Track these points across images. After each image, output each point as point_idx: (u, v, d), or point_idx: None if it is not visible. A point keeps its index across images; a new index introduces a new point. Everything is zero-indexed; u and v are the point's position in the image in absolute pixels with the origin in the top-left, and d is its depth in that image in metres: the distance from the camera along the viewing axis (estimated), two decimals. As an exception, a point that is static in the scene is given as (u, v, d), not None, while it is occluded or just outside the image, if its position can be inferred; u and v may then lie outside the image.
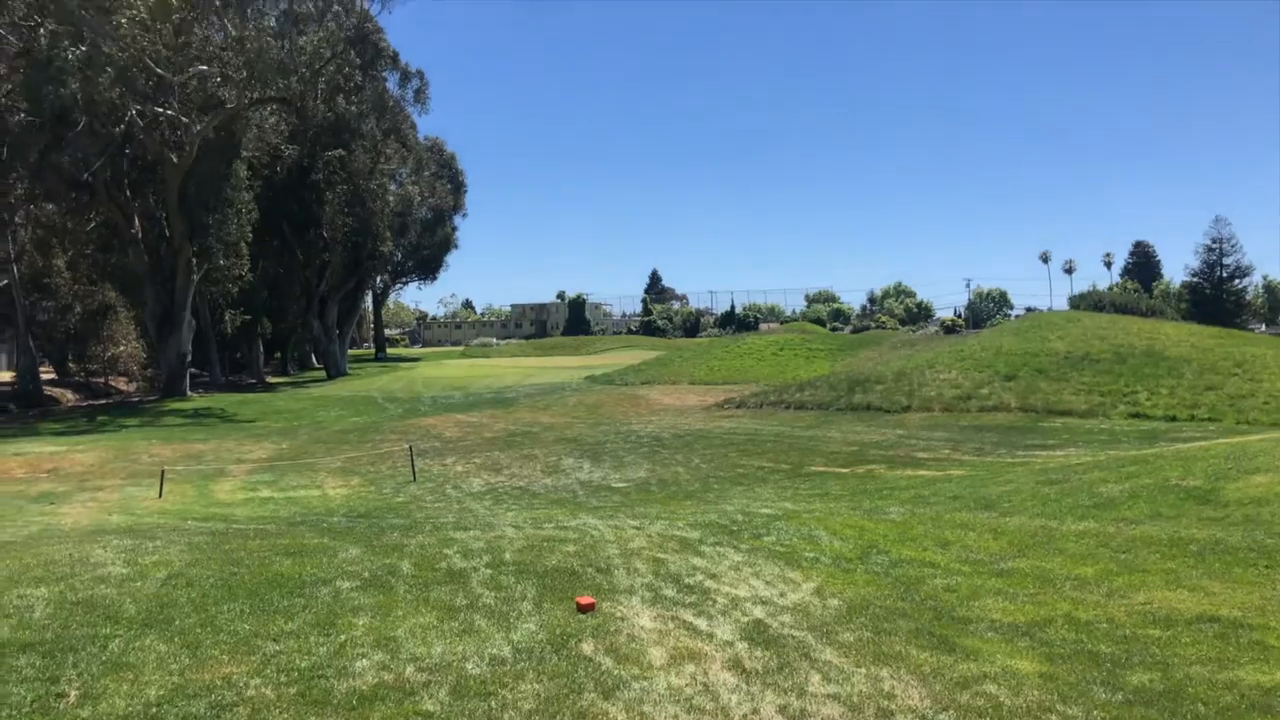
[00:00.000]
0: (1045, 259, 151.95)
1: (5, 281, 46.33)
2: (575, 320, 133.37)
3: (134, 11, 39.28)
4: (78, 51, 38.44)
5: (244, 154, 49.75)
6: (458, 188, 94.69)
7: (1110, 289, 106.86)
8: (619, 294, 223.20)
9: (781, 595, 8.77)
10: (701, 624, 7.84)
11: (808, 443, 26.44)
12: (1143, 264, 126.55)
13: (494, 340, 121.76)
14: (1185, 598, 8.48)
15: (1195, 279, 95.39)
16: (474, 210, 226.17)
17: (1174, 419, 26.86)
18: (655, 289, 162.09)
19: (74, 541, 11.68)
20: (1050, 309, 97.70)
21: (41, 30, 38.86)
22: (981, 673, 6.82)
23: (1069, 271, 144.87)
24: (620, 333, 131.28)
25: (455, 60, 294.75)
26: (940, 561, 10.10)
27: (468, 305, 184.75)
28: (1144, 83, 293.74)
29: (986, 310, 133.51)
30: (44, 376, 53.27)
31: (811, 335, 68.97)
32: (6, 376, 53.81)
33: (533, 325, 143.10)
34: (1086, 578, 9.28)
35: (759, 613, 8.19)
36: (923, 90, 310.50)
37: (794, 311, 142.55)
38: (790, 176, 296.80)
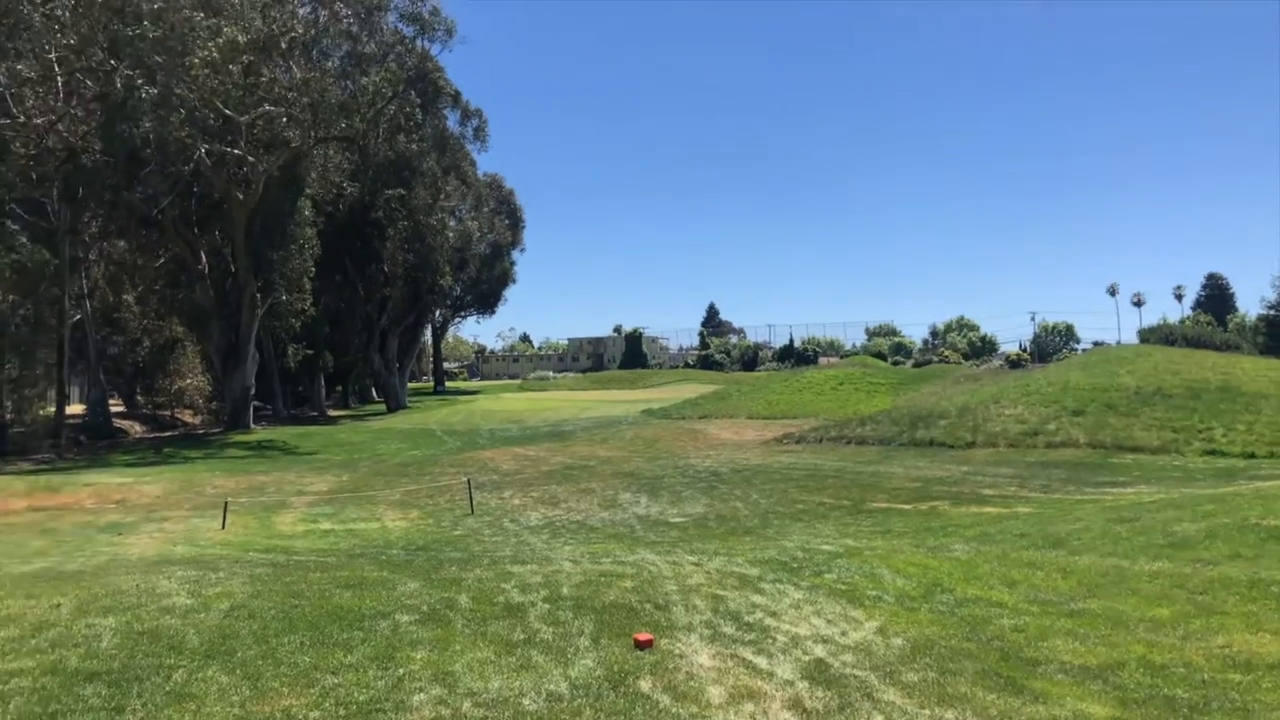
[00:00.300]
0: (1113, 291, 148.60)
1: (78, 316, 47.90)
2: (632, 354, 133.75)
3: (205, 53, 40.68)
4: (151, 93, 39.88)
5: (307, 192, 51.03)
6: (516, 223, 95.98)
7: (1182, 322, 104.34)
8: (675, 328, 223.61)
9: (843, 634, 8.64)
10: (761, 662, 7.75)
11: (869, 478, 26.13)
12: (1215, 296, 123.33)
13: (551, 374, 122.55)
14: (1267, 641, 8.17)
15: (1272, 311, 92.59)
16: (532, 245, 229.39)
17: (1252, 456, 26.05)
18: (712, 322, 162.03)
19: (140, 572, 11.95)
20: (1119, 343, 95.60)
21: (117, 74, 40.42)
22: (1051, 716, 6.64)
23: (1138, 304, 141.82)
24: (677, 366, 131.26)
25: (512, 96, 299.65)
26: (1007, 601, 9.87)
27: (525, 339, 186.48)
28: (1217, 109, 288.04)
29: (1052, 344, 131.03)
30: (113, 409, 54.78)
31: (872, 369, 68.33)
32: (78, 409, 55.48)
33: (589, 359, 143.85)
34: (1161, 619, 9.00)
35: (820, 651, 8.07)
36: (987, 120, 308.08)
37: (854, 345, 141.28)
38: (850, 208, 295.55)
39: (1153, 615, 9.16)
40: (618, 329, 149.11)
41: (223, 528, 20.79)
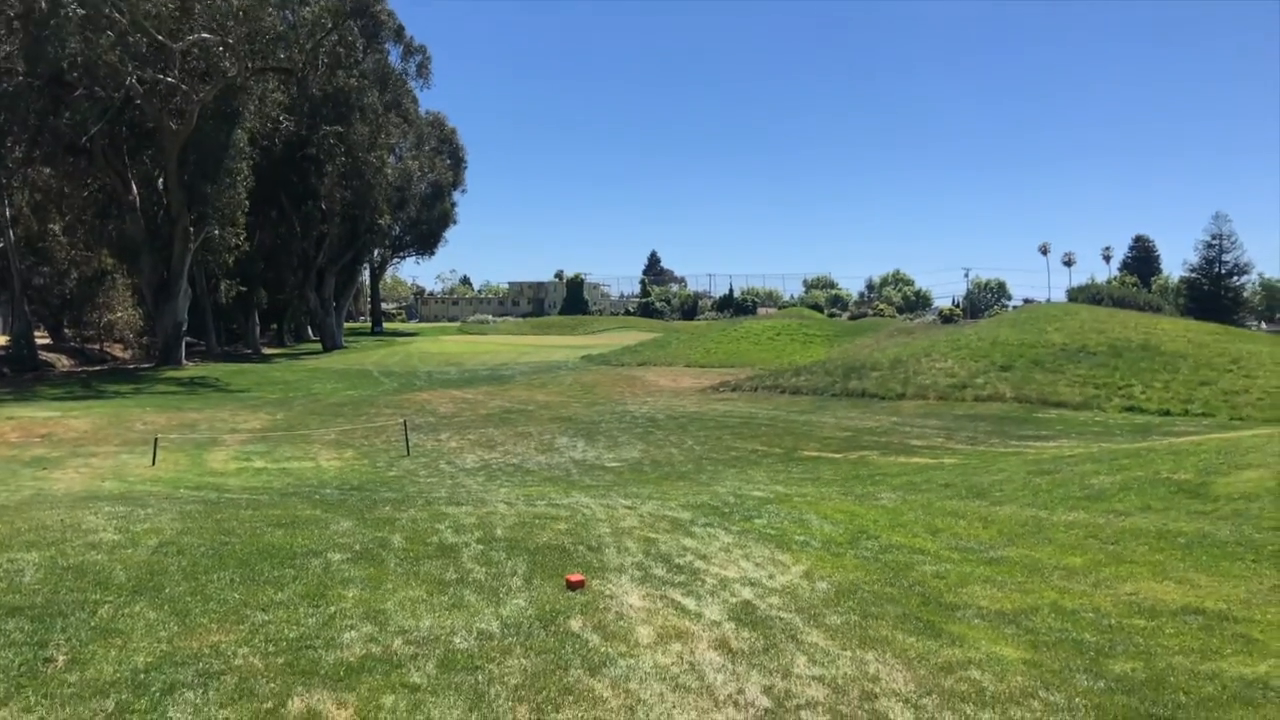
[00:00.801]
0: (1044, 251, 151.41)
1: (1, 245, 46.16)
2: (573, 300, 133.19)
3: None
4: (78, 12, 38.16)
5: (244, 124, 49.48)
6: (458, 163, 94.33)
7: (1109, 282, 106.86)
8: (617, 275, 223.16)
9: (770, 577, 8.81)
10: (690, 604, 7.88)
11: (802, 427, 26.51)
12: (1142, 258, 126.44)
13: (491, 317, 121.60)
14: (1171, 589, 8.53)
15: (1194, 275, 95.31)
16: (474, 187, 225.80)
17: (1168, 413, 26.93)
18: (654, 271, 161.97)
19: (66, 507, 11.70)
20: (1048, 301, 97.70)
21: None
22: (966, 658, 6.87)
23: (1068, 264, 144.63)
24: (618, 314, 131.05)
25: (456, 34, 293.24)
26: (930, 548, 10.14)
27: (465, 282, 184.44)
28: (1148, 78, 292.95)
29: (985, 300, 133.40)
30: (39, 341, 53.17)
31: (809, 321, 68.98)
32: (1, 341, 53.73)
33: (530, 303, 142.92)
34: (1074, 568, 9.33)
35: (747, 594, 8.23)
36: (926, 80, 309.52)
37: (792, 297, 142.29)
38: (791, 162, 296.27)
39: (1066, 563, 9.49)
40: (559, 274, 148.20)
41: (153, 464, 20.42)
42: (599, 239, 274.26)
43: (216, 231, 49.87)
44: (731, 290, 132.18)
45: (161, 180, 49.21)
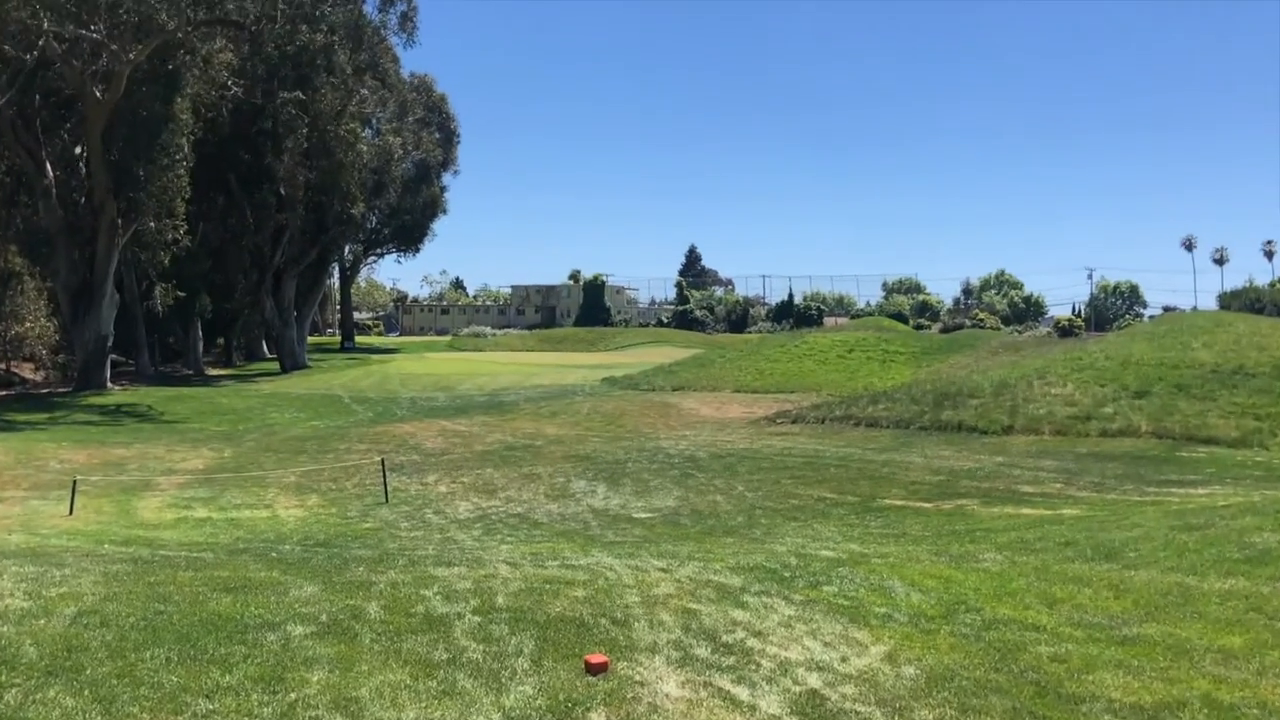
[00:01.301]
0: (1189, 246, 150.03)
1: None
2: (591, 307, 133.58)
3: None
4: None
5: (185, 91, 50.10)
6: (449, 138, 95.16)
7: (1272, 285, 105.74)
8: (647, 276, 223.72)
9: (843, 660, 8.74)
10: (742, 693, 7.83)
11: (882, 469, 26.37)
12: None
13: (489, 329, 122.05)
14: (1359, 680, 8.37)
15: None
16: (469, 167, 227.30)
17: (1350, 452, 26.53)
18: (693, 271, 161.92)
19: (-36, 566, 11.83)
20: (1194, 309, 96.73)
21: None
22: (1095, 766, 6.77)
23: (1219, 262, 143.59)
24: (648, 324, 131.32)
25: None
26: (1046, 624, 10.03)
27: (458, 285, 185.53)
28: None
29: (1113, 308, 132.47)
30: (-69, 360, 53.97)
31: (890, 334, 68.72)
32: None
33: (538, 312, 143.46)
34: (1232, 649, 9.18)
35: (814, 681, 8.17)
36: (1039, 36, 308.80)
37: (868, 304, 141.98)
38: (866, 139, 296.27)
39: (1222, 644, 9.34)
40: (574, 276, 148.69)
41: (70, 513, 20.60)
42: (623, 233, 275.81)
43: (151, 223, 50.45)
44: (791, 296, 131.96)
45: (84, 160, 49.92)
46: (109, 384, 50.95)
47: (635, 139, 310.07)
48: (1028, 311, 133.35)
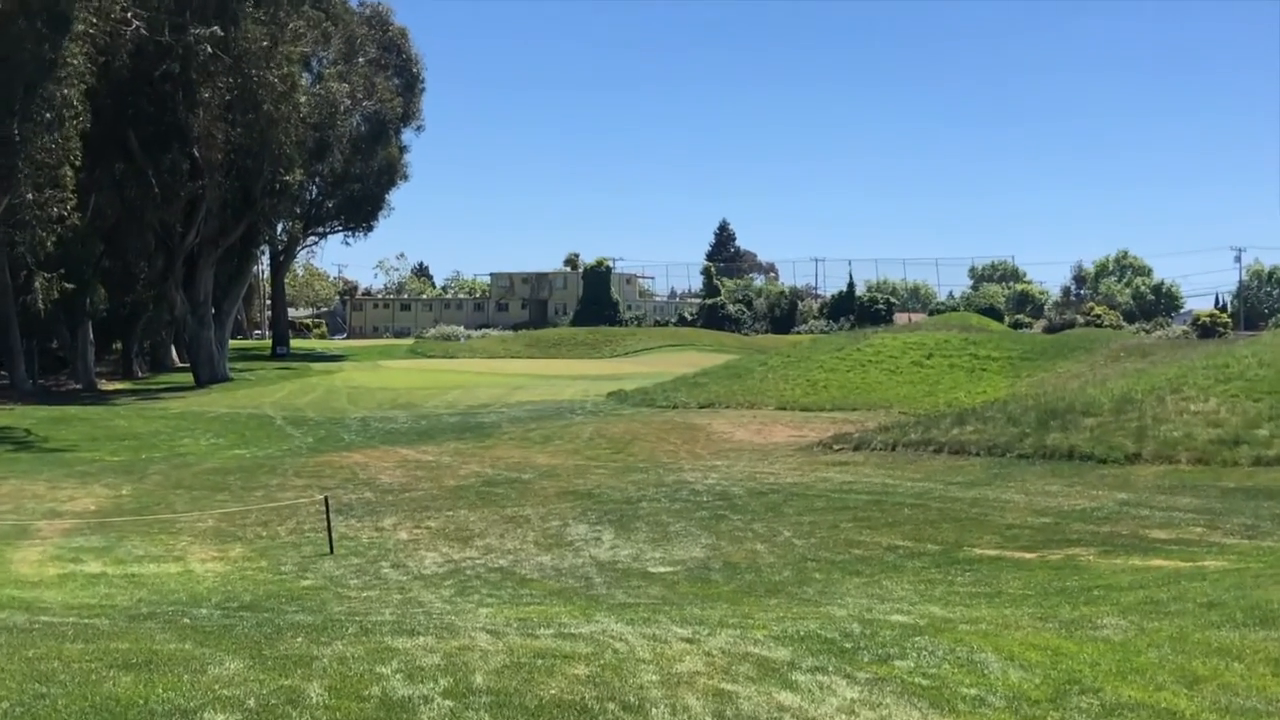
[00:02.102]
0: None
1: None
2: (594, 301, 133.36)
3: None
4: None
5: (73, 28, 50.07)
6: (410, 85, 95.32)
7: None
8: (665, 261, 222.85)
9: (923, 758, 8.69)
10: (792, 801, 7.78)
11: (970, 509, 26.29)
12: None
13: (462, 330, 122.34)
14: None
15: None
16: (436, 123, 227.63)
17: None
18: (724, 254, 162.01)
19: None
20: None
21: None
22: None
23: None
24: (666, 323, 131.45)
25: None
26: (1185, 710, 9.96)
27: (421, 274, 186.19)
28: None
29: (1269, 301, 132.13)
30: None
31: (980, 335, 68.52)
32: None
33: (525, 307, 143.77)
34: None
35: (886, 786, 8.11)
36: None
37: (951, 295, 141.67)
38: (948, 82, 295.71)
39: None
40: (571, 261, 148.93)
41: (-74, 568, 20.61)
42: (635, 206, 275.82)
43: (29, 195, 50.37)
44: (851, 285, 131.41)
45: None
46: (-25, 402, 51.05)
47: (648, 86, 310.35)
48: (1158, 305, 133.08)
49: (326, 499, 25.75)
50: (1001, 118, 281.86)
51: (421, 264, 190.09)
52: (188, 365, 76.30)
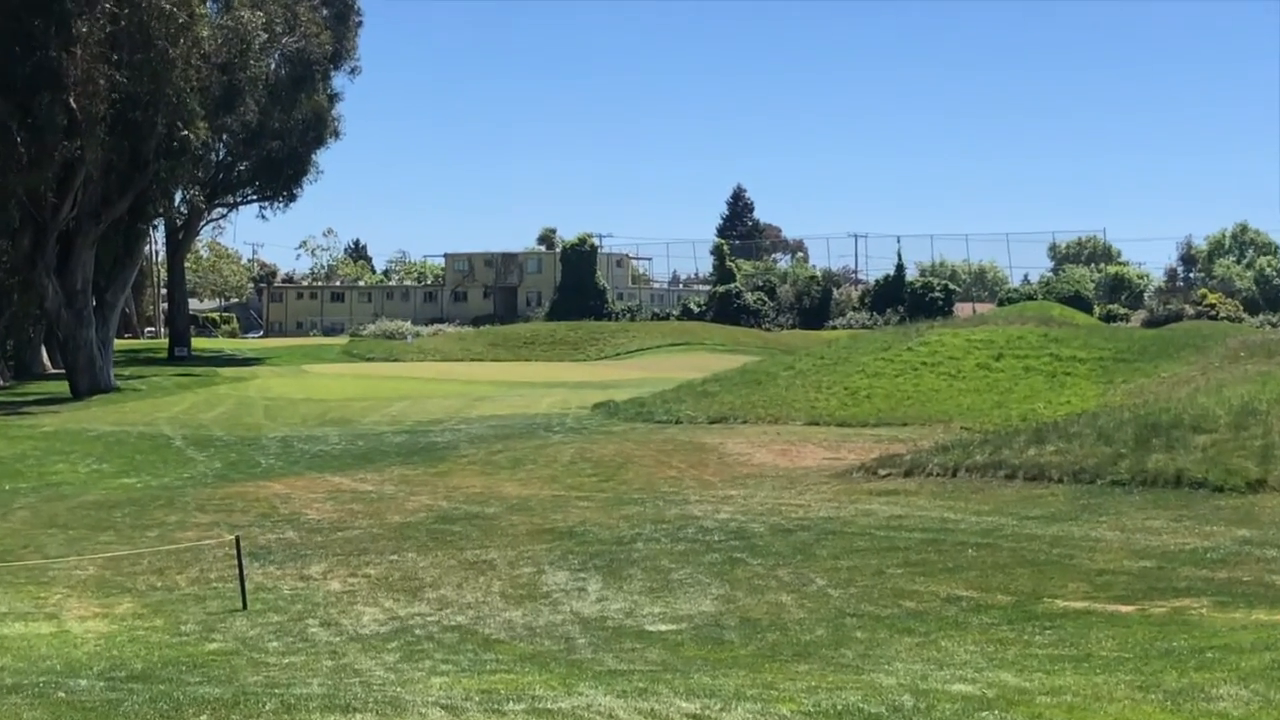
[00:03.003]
0: None
1: None
2: (576, 288, 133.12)
3: None
4: None
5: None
6: (342, 15, 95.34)
7: None
8: (666, 238, 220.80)
9: None
10: None
11: (1050, 550, 26.28)
12: None
13: (409, 326, 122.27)
14: None
15: None
16: (375, 67, 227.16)
17: None
18: (739, 228, 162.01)
19: None
20: None
21: None
22: None
23: None
24: (667, 315, 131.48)
25: None
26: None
27: (358, 255, 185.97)
28: None
29: None
30: None
31: (1063, 329, 68.44)
32: None
33: (489, 296, 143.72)
34: None
35: None
36: None
37: (1026, 280, 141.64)
38: (1017, 22, 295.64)
39: None
40: (546, 237, 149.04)
41: None
42: (626, 173, 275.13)
43: None
44: (900, 267, 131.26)
45: None
46: None
47: (644, 21, 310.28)
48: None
49: (238, 540, 25.74)
50: (1090, 59, 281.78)
51: (357, 243, 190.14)
52: (62, 371, 76.15)
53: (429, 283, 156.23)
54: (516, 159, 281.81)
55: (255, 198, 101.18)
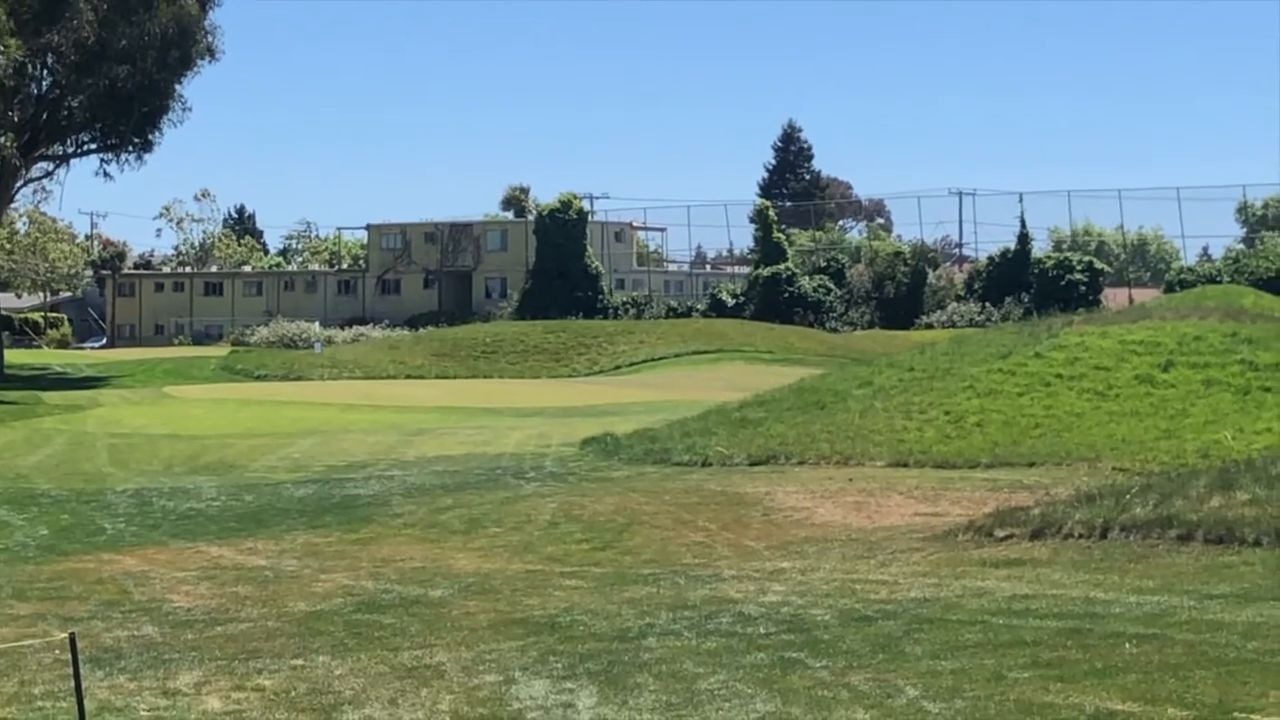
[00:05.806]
0: None
1: None
2: (557, 271, 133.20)
3: None
4: None
5: None
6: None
7: None
8: (686, 198, 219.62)
9: None
10: None
11: (1245, 644, 26.20)
12: None
13: (317, 330, 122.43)
14: None
15: None
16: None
17: None
18: (790, 182, 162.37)
19: None
20: None
21: None
22: None
23: None
24: (689, 311, 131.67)
25: None
26: None
27: (241, 226, 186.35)
28: None
29: None
30: None
31: (1261, 326, 68.43)
32: None
33: (432, 285, 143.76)
34: None
35: None
36: None
37: (1206, 254, 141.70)
38: None
39: None
40: (516, 201, 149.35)
41: None
42: (630, 113, 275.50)
43: None
44: (1024, 238, 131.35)
45: None
46: None
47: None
48: None
49: (73, 638, 25.72)
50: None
51: (241, 210, 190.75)
52: None
53: (346, 267, 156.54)
54: (474, 97, 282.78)
55: (95, 147, 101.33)
